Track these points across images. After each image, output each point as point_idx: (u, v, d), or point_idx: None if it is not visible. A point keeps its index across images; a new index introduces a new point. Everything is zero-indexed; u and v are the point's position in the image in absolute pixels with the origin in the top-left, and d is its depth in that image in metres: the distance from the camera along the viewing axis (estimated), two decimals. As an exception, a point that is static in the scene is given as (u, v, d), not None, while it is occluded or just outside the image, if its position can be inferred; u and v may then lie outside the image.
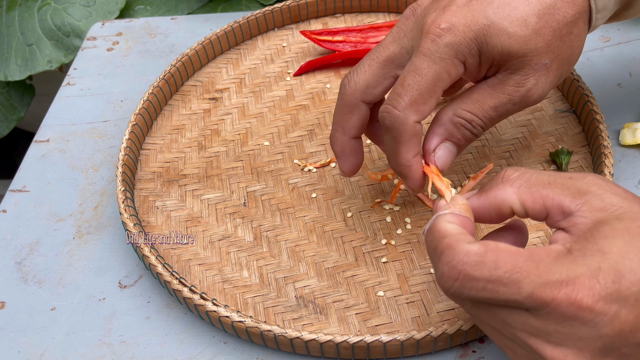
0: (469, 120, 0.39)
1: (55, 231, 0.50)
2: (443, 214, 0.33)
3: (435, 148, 0.39)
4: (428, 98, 0.37)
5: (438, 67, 0.37)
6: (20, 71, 0.76)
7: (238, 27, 0.62)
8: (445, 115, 0.39)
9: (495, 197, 0.33)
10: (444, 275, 0.30)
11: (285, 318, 0.42)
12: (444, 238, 0.31)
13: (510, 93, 0.38)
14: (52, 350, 0.42)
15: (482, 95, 0.39)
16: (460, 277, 0.30)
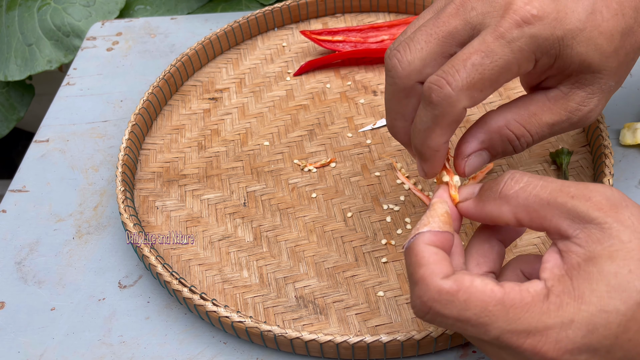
0: (519, 135, 0.35)
1: (55, 231, 0.49)
2: (422, 232, 0.32)
3: (472, 154, 0.36)
4: (488, 86, 0.33)
5: (513, 56, 0.32)
6: (20, 71, 0.76)
7: (238, 27, 0.62)
8: (495, 123, 0.36)
9: (490, 212, 0.32)
10: (415, 306, 0.30)
11: (285, 318, 0.42)
12: (420, 267, 0.30)
13: (571, 110, 0.35)
14: (51, 350, 0.42)
15: (540, 109, 0.35)
16: (430, 312, 0.30)
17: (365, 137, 0.53)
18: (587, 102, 0.35)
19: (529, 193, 0.30)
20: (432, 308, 0.29)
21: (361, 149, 0.52)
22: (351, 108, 0.56)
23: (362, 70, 0.59)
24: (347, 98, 0.57)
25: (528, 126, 0.35)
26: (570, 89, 0.35)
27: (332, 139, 0.53)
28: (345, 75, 0.59)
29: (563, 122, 0.35)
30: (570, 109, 0.35)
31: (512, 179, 0.31)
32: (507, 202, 0.31)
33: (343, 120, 0.55)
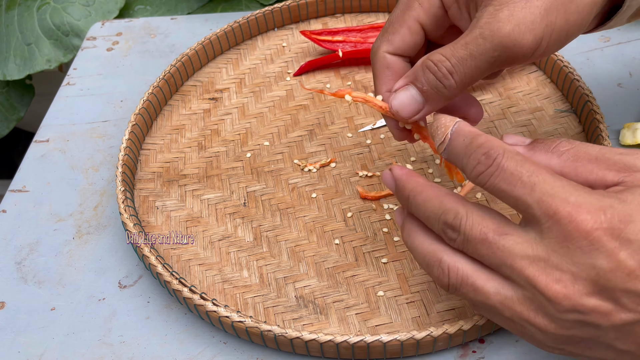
0: (436, 62, 0.36)
1: (55, 231, 0.49)
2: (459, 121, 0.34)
3: (399, 89, 0.37)
4: (398, 27, 0.38)
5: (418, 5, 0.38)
6: (19, 70, 0.76)
7: (238, 27, 0.62)
8: (419, 60, 0.37)
9: (538, 162, 0.32)
10: (480, 163, 0.31)
11: (285, 318, 0.42)
12: (480, 135, 0.32)
13: (481, 26, 0.34)
14: (52, 350, 0.42)
15: (456, 38, 0.36)
16: (492, 165, 0.30)
17: (365, 137, 0.53)
18: (496, 13, 0.34)
19: (579, 150, 0.32)
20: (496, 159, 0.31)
21: (361, 149, 0.52)
22: (351, 108, 0.56)
23: (362, 70, 0.59)
24: (347, 98, 0.57)
25: (444, 52, 0.36)
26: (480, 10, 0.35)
27: (332, 139, 0.53)
28: (345, 75, 0.59)
29: (477, 39, 0.34)
30: (480, 25, 0.34)
31: (566, 142, 0.33)
32: (558, 156, 0.32)
33: (343, 120, 0.55)
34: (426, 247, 0.34)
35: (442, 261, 0.33)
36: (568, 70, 0.53)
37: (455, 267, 0.32)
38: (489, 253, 0.31)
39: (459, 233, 0.31)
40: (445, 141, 0.33)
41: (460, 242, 0.32)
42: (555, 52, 0.39)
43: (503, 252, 0.30)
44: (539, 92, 0.55)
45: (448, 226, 0.32)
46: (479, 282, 0.32)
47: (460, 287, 0.32)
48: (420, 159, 0.51)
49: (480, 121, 0.53)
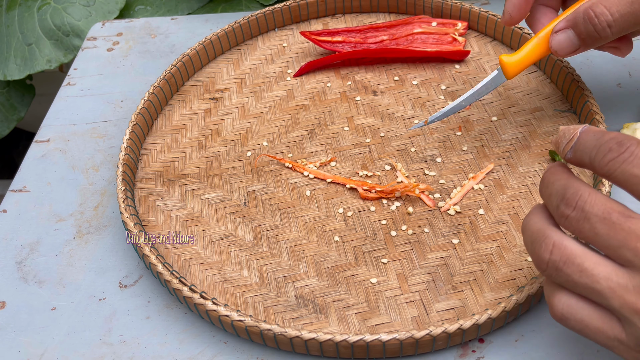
0: (598, 14, 0.39)
1: (56, 231, 0.50)
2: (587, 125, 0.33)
3: (559, 31, 0.42)
4: None
5: None
6: (20, 70, 0.76)
7: (238, 27, 0.62)
8: (582, 6, 0.40)
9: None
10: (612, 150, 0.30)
11: (285, 317, 0.42)
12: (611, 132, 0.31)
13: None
14: (52, 350, 0.42)
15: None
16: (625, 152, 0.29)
17: (365, 137, 0.53)
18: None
19: None
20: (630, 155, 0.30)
21: (361, 148, 0.52)
22: (351, 108, 0.56)
23: (362, 70, 0.59)
24: (347, 98, 0.57)
25: (610, 6, 0.38)
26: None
27: (332, 139, 0.53)
28: (345, 75, 0.59)
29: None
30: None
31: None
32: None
33: (343, 120, 0.55)
34: (536, 224, 0.32)
35: (547, 237, 0.31)
36: (568, 71, 0.53)
37: (562, 244, 0.31)
38: (609, 233, 0.29)
39: (575, 208, 0.30)
40: (574, 139, 0.32)
41: (575, 219, 0.30)
42: None
43: (627, 234, 0.29)
44: (539, 92, 0.55)
45: (564, 201, 0.31)
46: (587, 263, 0.30)
47: (564, 265, 0.30)
48: (420, 159, 0.51)
49: (480, 121, 0.53)
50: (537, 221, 0.33)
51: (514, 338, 0.40)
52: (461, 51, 0.58)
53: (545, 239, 0.31)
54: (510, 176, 0.49)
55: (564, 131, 0.34)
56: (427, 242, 0.45)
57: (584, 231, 0.30)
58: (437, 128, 0.53)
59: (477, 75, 0.57)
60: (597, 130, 0.32)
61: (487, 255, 0.44)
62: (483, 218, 0.46)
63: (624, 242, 0.29)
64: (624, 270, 0.29)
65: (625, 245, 0.29)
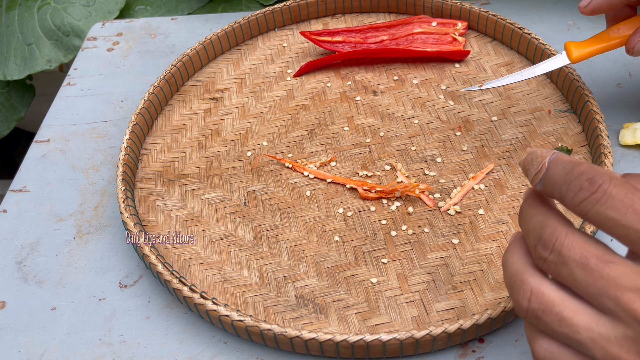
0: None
1: (56, 231, 0.50)
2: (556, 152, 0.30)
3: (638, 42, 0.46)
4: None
5: None
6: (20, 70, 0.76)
7: (238, 27, 0.62)
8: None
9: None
10: (583, 189, 0.27)
11: (285, 317, 0.42)
12: (582, 163, 0.29)
13: None
14: (52, 350, 0.42)
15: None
16: (597, 191, 0.27)
17: (365, 137, 0.53)
18: None
19: None
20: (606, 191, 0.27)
21: (361, 148, 0.52)
22: (351, 108, 0.56)
23: (362, 70, 0.59)
24: (347, 98, 0.57)
25: None
26: None
27: (332, 139, 0.53)
28: (345, 75, 0.59)
29: None
30: None
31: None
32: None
33: (343, 120, 0.55)
34: (515, 265, 0.30)
35: (525, 282, 0.29)
36: (568, 70, 0.53)
37: (540, 291, 0.29)
38: (587, 280, 0.27)
39: (552, 252, 0.28)
40: (542, 170, 0.30)
41: (553, 263, 0.28)
42: None
43: (607, 282, 0.27)
44: (539, 92, 0.55)
45: (541, 242, 0.29)
46: (566, 312, 0.28)
47: (542, 314, 0.29)
48: (420, 159, 0.51)
49: (480, 121, 0.53)
50: (515, 260, 0.31)
51: (514, 338, 0.40)
52: (461, 51, 0.58)
53: (523, 285, 0.29)
54: (510, 176, 0.49)
55: (532, 157, 0.31)
56: (427, 242, 0.45)
57: (562, 276, 0.28)
58: (437, 128, 0.53)
59: (477, 75, 0.57)
60: (566, 160, 0.29)
61: (487, 255, 0.44)
62: (483, 218, 0.46)
63: (603, 290, 0.27)
64: (605, 319, 0.27)
65: (604, 294, 0.27)
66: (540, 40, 0.56)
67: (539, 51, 0.56)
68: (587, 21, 0.62)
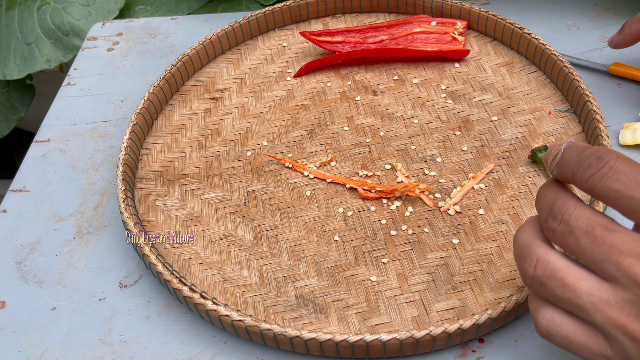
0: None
1: (56, 231, 0.50)
2: (572, 140, 0.33)
3: None
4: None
5: None
6: (19, 70, 0.76)
7: (238, 27, 0.62)
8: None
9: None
10: (591, 165, 0.30)
11: (285, 317, 0.42)
12: (593, 146, 0.31)
13: None
14: (52, 350, 0.42)
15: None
16: (604, 166, 0.29)
17: (365, 137, 0.53)
18: None
19: None
20: (611, 163, 0.29)
21: (361, 148, 0.52)
22: (351, 108, 0.56)
23: (362, 70, 0.59)
24: (347, 98, 0.57)
25: None
26: None
27: (332, 139, 0.53)
28: (345, 75, 0.59)
29: None
30: None
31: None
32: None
33: (343, 120, 0.55)
34: (524, 238, 0.32)
35: (532, 251, 0.31)
36: (568, 70, 0.53)
37: (545, 259, 0.31)
38: (592, 247, 0.29)
39: (561, 222, 0.30)
40: (558, 155, 0.32)
41: (561, 233, 0.30)
42: None
43: (609, 248, 0.29)
44: (539, 92, 0.55)
45: (551, 215, 0.31)
46: (570, 277, 0.30)
47: (547, 280, 0.30)
48: (420, 159, 0.51)
49: (480, 121, 0.53)
50: (525, 235, 0.33)
51: (514, 338, 0.40)
52: (461, 50, 0.58)
53: (530, 254, 0.31)
54: (510, 176, 0.49)
55: (551, 147, 0.34)
56: (427, 242, 0.45)
57: (569, 245, 0.30)
58: (437, 128, 0.53)
59: (477, 75, 0.57)
60: (580, 145, 0.31)
61: (487, 255, 0.44)
62: (483, 218, 0.46)
63: (605, 256, 0.29)
64: (606, 285, 0.29)
65: (607, 259, 0.29)
66: (540, 40, 0.56)
67: (539, 51, 0.56)
68: (587, 21, 0.62)
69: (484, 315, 0.38)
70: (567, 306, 0.30)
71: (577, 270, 0.30)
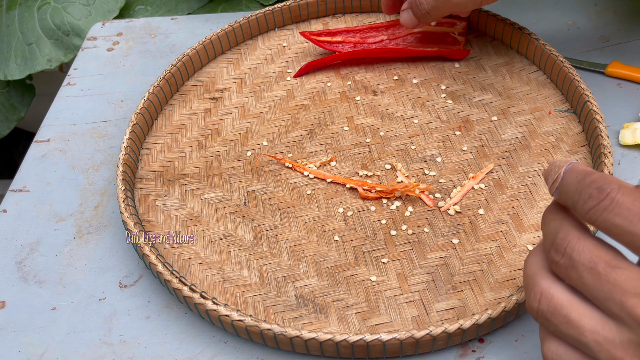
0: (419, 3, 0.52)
1: (56, 231, 0.50)
2: (573, 162, 0.31)
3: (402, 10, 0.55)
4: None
5: None
6: (20, 70, 0.76)
7: (238, 27, 0.62)
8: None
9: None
10: (592, 197, 0.28)
11: (285, 317, 0.42)
12: (594, 173, 0.29)
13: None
14: (52, 350, 0.42)
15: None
16: (605, 199, 0.28)
17: (365, 137, 0.53)
18: None
19: None
20: (612, 195, 0.28)
21: (361, 148, 0.52)
22: (351, 108, 0.56)
23: (362, 70, 0.59)
24: (347, 98, 0.57)
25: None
26: None
27: (332, 139, 0.53)
28: (345, 75, 0.59)
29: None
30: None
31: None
32: None
33: (343, 120, 0.55)
34: (531, 268, 0.32)
35: (537, 284, 0.31)
36: (568, 70, 0.53)
37: (549, 294, 0.30)
38: (595, 284, 0.28)
39: (564, 255, 0.29)
40: (558, 180, 0.31)
41: (564, 266, 0.29)
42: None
43: (613, 286, 0.28)
44: (539, 92, 0.55)
45: (554, 247, 0.30)
46: (574, 314, 0.29)
47: (551, 316, 0.30)
48: (420, 159, 0.51)
49: (480, 121, 0.53)
50: (532, 264, 0.32)
51: (514, 338, 0.40)
52: (461, 50, 0.58)
53: (535, 287, 0.31)
54: (510, 176, 0.49)
55: (552, 166, 0.32)
56: (427, 242, 0.45)
57: (572, 279, 0.29)
58: (437, 128, 0.53)
59: (477, 75, 0.57)
60: (580, 170, 0.30)
61: (487, 255, 0.44)
62: (483, 218, 0.46)
63: (609, 294, 0.28)
64: (611, 323, 0.28)
65: (610, 297, 0.28)
66: (540, 41, 0.56)
67: (539, 51, 0.56)
68: (587, 21, 0.62)
69: (484, 315, 0.38)
70: (571, 342, 0.30)
71: (582, 306, 0.29)
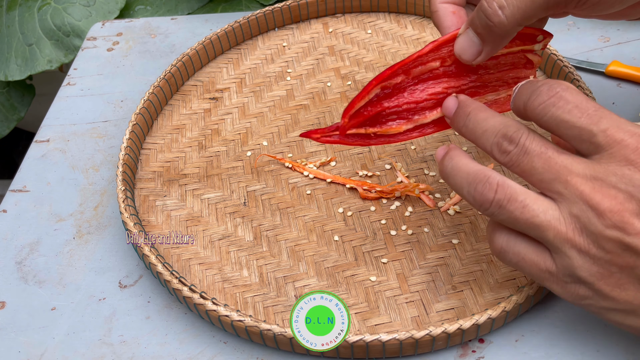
0: (489, 3, 0.34)
1: (56, 231, 0.50)
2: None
3: (460, 34, 0.37)
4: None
5: None
6: (21, 71, 0.76)
7: (238, 27, 0.62)
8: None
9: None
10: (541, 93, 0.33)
11: (285, 317, 0.42)
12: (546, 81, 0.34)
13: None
14: (52, 350, 0.42)
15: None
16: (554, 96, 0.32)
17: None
18: None
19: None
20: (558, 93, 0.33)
21: (361, 148, 0.52)
22: (351, 108, 0.56)
23: (363, 70, 0.59)
24: (347, 98, 0.57)
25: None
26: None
27: (332, 139, 0.53)
28: (345, 75, 0.59)
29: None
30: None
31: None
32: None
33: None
34: (473, 166, 0.35)
35: (490, 177, 0.34)
36: (568, 70, 0.53)
37: (506, 184, 0.33)
38: (544, 166, 0.32)
39: (517, 145, 0.33)
40: (515, 89, 0.35)
41: (515, 155, 0.33)
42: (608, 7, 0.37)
43: (560, 167, 0.32)
44: (538, 91, 0.55)
45: (506, 138, 0.33)
46: (528, 200, 0.33)
47: (507, 203, 0.33)
48: (420, 159, 0.51)
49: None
50: (468, 162, 0.35)
51: (514, 338, 0.40)
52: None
53: (489, 179, 0.34)
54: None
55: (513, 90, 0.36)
56: (427, 242, 0.45)
57: (521, 165, 0.33)
58: (437, 128, 0.53)
59: (477, 75, 0.57)
60: (534, 80, 0.34)
61: (487, 255, 0.44)
62: (483, 218, 0.46)
63: (557, 174, 0.32)
64: (556, 205, 0.32)
65: (557, 177, 0.32)
66: (540, 40, 0.56)
67: (539, 51, 0.56)
68: (587, 21, 0.62)
69: (483, 316, 0.38)
70: (523, 226, 0.33)
71: (532, 193, 0.33)
